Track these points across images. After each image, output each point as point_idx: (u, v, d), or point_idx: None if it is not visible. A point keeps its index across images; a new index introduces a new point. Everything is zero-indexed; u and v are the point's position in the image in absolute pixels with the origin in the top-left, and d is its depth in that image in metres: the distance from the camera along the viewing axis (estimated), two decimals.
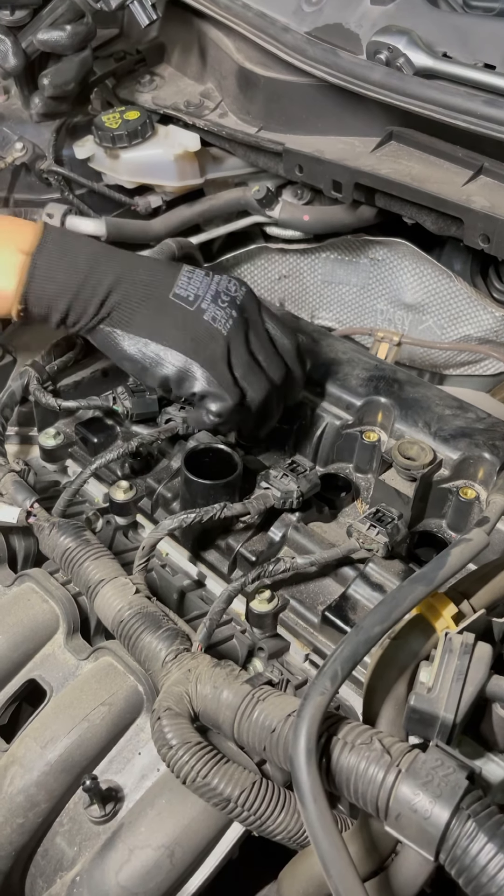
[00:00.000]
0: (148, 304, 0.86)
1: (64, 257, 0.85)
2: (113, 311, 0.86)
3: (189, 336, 0.86)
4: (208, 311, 0.85)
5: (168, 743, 0.67)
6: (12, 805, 0.73)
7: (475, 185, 1.03)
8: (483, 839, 0.56)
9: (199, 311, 0.85)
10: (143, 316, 0.86)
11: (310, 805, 0.57)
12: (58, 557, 0.86)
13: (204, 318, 0.85)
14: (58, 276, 0.84)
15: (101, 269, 0.85)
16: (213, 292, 0.86)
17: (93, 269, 0.85)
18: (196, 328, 0.85)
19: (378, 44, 1.03)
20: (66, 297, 0.85)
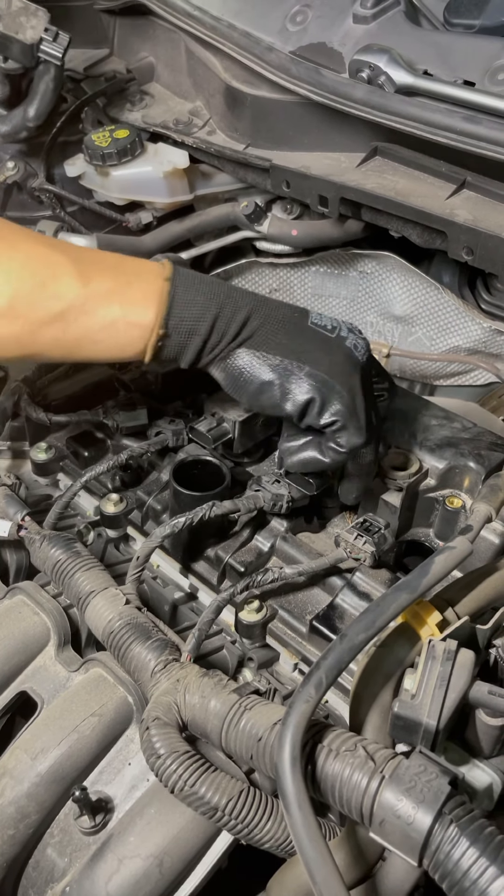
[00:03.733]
0: (288, 327, 0.82)
1: (200, 284, 0.81)
2: (255, 333, 0.81)
3: (334, 360, 0.82)
4: (349, 338, 0.83)
5: (156, 752, 0.68)
6: (3, 816, 0.74)
7: (458, 198, 1.04)
8: (465, 844, 0.57)
9: (341, 339, 0.82)
10: (287, 337, 0.82)
11: (294, 812, 0.58)
12: (49, 570, 0.86)
13: (346, 344, 0.83)
14: (198, 299, 0.80)
15: (238, 295, 0.82)
16: (347, 326, 0.84)
17: (229, 295, 0.81)
18: (340, 353, 0.82)
19: (360, 62, 1.05)
20: (208, 318, 0.80)
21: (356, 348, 0.83)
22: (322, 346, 0.82)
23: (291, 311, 0.84)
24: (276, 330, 0.82)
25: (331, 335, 0.82)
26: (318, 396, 0.80)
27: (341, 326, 0.84)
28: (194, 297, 0.80)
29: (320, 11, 1.15)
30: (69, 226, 1.33)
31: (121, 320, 0.79)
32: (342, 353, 0.82)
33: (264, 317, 0.82)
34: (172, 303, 0.79)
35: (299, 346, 0.81)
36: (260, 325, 0.81)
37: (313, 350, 0.81)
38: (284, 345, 0.81)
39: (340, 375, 0.81)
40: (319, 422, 0.82)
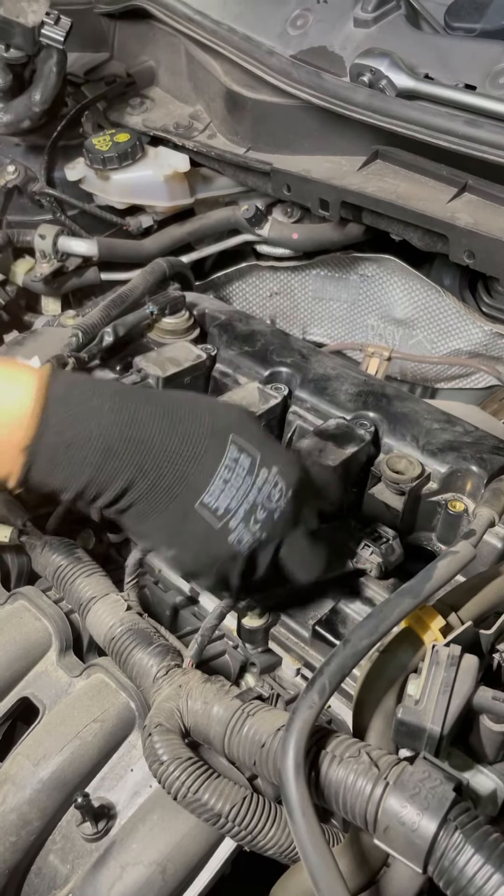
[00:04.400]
0: (168, 511, 0.70)
1: (63, 459, 0.67)
2: (127, 511, 0.70)
3: (208, 552, 0.72)
4: (235, 531, 0.71)
5: (159, 759, 0.68)
6: (5, 823, 0.73)
7: (459, 202, 1.05)
8: (470, 850, 0.56)
9: (225, 531, 0.70)
10: (163, 523, 0.71)
11: (298, 819, 0.58)
12: (50, 575, 0.86)
13: (228, 539, 0.71)
14: (59, 473, 0.67)
15: (110, 472, 0.68)
16: (248, 505, 0.70)
17: (99, 473, 0.68)
18: (216, 549, 0.72)
19: (361, 66, 1.05)
20: (71, 492, 0.69)
21: (240, 542, 0.71)
22: (200, 536, 0.71)
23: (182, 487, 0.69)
24: (146, 512, 0.70)
25: (215, 524, 0.70)
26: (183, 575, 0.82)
27: (236, 510, 0.70)
28: (54, 471, 0.67)
29: (321, 15, 1.16)
30: (69, 229, 1.33)
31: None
32: (221, 549, 0.71)
33: (138, 497, 0.69)
34: (26, 477, 0.68)
35: (171, 531, 0.71)
36: (131, 503, 0.69)
37: (188, 539, 0.71)
38: (154, 529, 0.72)
39: (210, 567, 0.73)
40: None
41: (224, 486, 0.70)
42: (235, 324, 1.10)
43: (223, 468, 0.70)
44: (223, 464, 0.70)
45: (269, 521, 0.72)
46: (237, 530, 0.71)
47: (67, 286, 1.34)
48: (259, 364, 1.04)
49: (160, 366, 1.01)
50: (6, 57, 1.24)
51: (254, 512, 0.71)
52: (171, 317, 1.10)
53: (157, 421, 0.70)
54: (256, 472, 0.71)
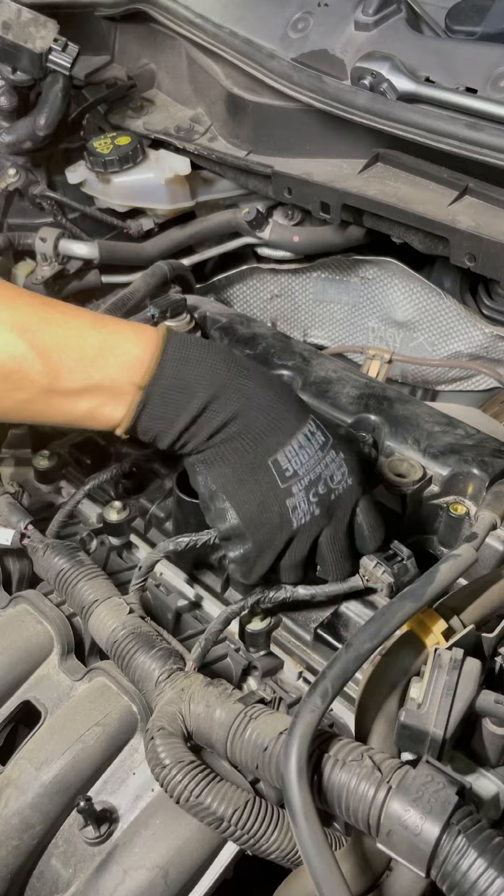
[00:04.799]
0: (244, 458, 0.76)
1: (180, 393, 0.75)
2: (211, 449, 0.76)
3: (261, 513, 0.76)
4: (295, 496, 0.76)
5: (161, 762, 0.68)
6: (7, 827, 0.73)
7: (460, 205, 1.05)
8: (473, 854, 0.56)
9: (286, 493, 0.75)
10: (232, 469, 0.76)
11: (301, 823, 0.58)
12: (52, 578, 0.86)
13: (286, 502, 0.76)
14: (168, 414, 0.75)
15: (215, 406, 0.75)
16: (313, 476, 0.76)
17: (208, 406, 0.75)
18: (272, 510, 0.76)
19: (362, 69, 1.05)
20: (171, 434, 0.76)
21: (294, 510, 0.76)
22: (261, 494, 0.76)
23: (263, 439, 0.76)
24: (229, 457, 0.76)
25: (280, 484, 0.75)
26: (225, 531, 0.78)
27: (303, 476, 0.76)
28: (164, 412, 0.75)
29: (322, 19, 1.16)
30: (70, 232, 1.33)
31: (85, 417, 0.77)
32: (276, 512, 0.76)
33: (231, 435, 0.76)
34: (139, 415, 0.75)
35: (240, 483, 0.76)
36: (221, 442, 0.76)
37: (249, 493, 0.76)
38: (226, 476, 0.76)
39: (257, 528, 0.76)
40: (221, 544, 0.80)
41: (298, 452, 0.76)
42: (236, 326, 1.10)
43: (301, 435, 0.76)
44: (302, 431, 0.76)
45: (325, 500, 0.77)
46: (297, 496, 0.76)
47: (68, 289, 1.34)
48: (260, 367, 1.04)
49: None
50: (13, 79, 1.24)
51: (316, 484, 0.76)
52: (173, 319, 1.10)
53: (257, 377, 0.77)
54: (327, 451, 0.77)
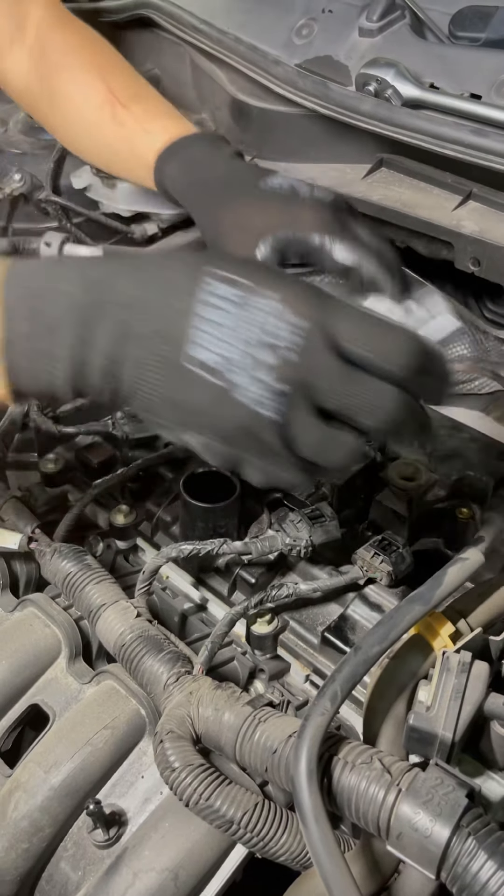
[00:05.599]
0: (165, 380, 0.57)
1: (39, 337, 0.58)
2: (133, 392, 0.59)
3: (228, 424, 0.57)
4: (240, 387, 0.55)
5: (170, 765, 0.68)
6: (17, 830, 0.74)
7: (465, 209, 1.05)
8: (483, 857, 0.57)
9: (230, 387, 0.55)
10: (165, 397, 0.58)
11: (311, 825, 0.58)
12: (59, 582, 0.87)
13: (237, 398, 0.55)
14: (40, 370, 0.58)
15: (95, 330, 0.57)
16: (251, 343, 0.54)
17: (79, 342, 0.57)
18: (234, 415, 0.56)
19: (366, 76, 1.06)
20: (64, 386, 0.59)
21: (256, 403, 0.55)
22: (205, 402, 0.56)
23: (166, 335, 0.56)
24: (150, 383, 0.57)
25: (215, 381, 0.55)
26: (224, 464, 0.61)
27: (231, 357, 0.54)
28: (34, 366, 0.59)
29: (326, 25, 1.16)
30: (75, 237, 1.33)
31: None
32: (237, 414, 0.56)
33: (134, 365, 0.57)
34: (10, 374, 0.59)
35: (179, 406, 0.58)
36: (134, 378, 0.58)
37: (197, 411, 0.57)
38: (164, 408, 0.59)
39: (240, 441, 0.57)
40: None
41: (209, 330, 0.54)
42: None
43: (199, 305, 0.55)
44: (197, 299, 0.55)
45: (283, 365, 0.54)
46: (242, 386, 0.54)
47: None
48: None
49: None
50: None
51: (260, 353, 0.54)
52: None
53: (125, 274, 0.59)
54: (249, 304, 0.54)
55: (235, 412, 0.56)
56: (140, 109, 1.03)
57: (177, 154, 0.96)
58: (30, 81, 1.13)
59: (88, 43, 1.13)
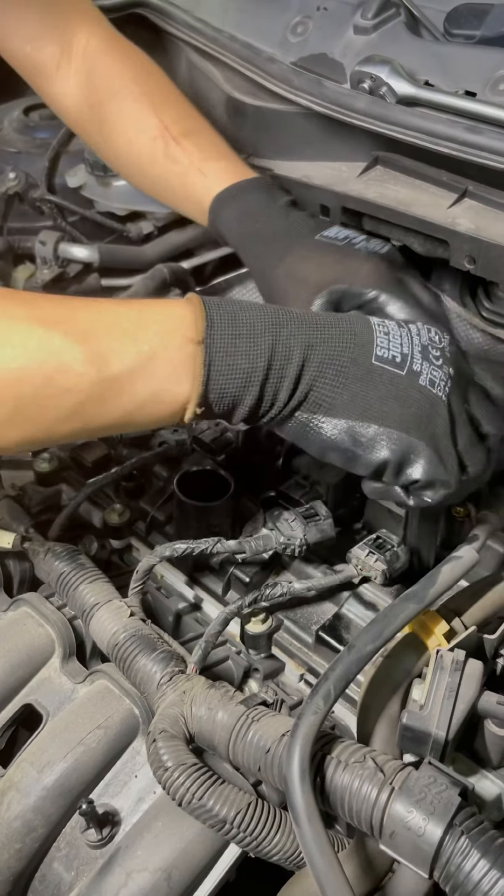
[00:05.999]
0: (349, 375, 0.67)
1: (241, 337, 0.66)
2: (310, 392, 0.67)
3: (409, 409, 0.68)
4: (423, 373, 0.68)
5: (163, 765, 0.68)
6: (9, 830, 0.73)
7: (460, 207, 1.05)
8: (476, 855, 0.56)
9: (413, 375, 0.68)
10: (348, 392, 0.67)
11: (304, 825, 0.58)
12: (53, 581, 0.86)
13: (420, 382, 0.68)
14: (239, 363, 0.65)
15: (287, 341, 0.66)
16: (419, 347, 0.69)
17: (277, 342, 0.66)
18: (414, 398, 0.68)
19: (361, 73, 1.05)
20: (254, 386, 0.66)
21: (433, 384, 0.68)
22: (391, 391, 0.67)
23: (352, 346, 0.68)
24: (335, 383, 0.68)
25: (401, 372, 0.68)
26: (392, 457, 0.68)
27: (412, 353, 0.69)
28: (235, 362, 0.66)
29: (321, 23, 1.16)
30: (70, 236, 1.33)
31: (148, 402, 0.66)
32: (420, 397, 0.68)
33: (318, 368, 0.67)
34: (209, 374, 0.65)
35: (366, 398, 0.68)
36: (315, 379, 0.67)
37: (383, 400, 0.67)
38: (347, 403, 0.68)
39: (419, 427, 0.68)
40: (398, 482, 0.70)
41: (387, 338, 0.69)
42: None
43: (378, 326, 0.70)
44: (376, 323, 0.70)
45: (446, 357, 0.70)
46: (425, 370, 0.68)
47: (68, 292, 1.34)
48: None
49: None
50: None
51: (429, 351, 0.70)
52: None
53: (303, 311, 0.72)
54: (407, 327, 0.71)
55: (418, 392, 0.68)
56: (193, 146, 1.01)
57: (233, 201, 0.95)
58: (80, 107, 1.10)
59: (139, 70, 1.10)
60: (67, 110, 1.13)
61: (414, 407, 0.68)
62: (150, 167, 1.05)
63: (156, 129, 1.02)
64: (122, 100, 1.06)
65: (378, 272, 0.83)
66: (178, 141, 1.01)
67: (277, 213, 0.94)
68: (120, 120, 1.06)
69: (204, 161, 1.00)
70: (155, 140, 1.02)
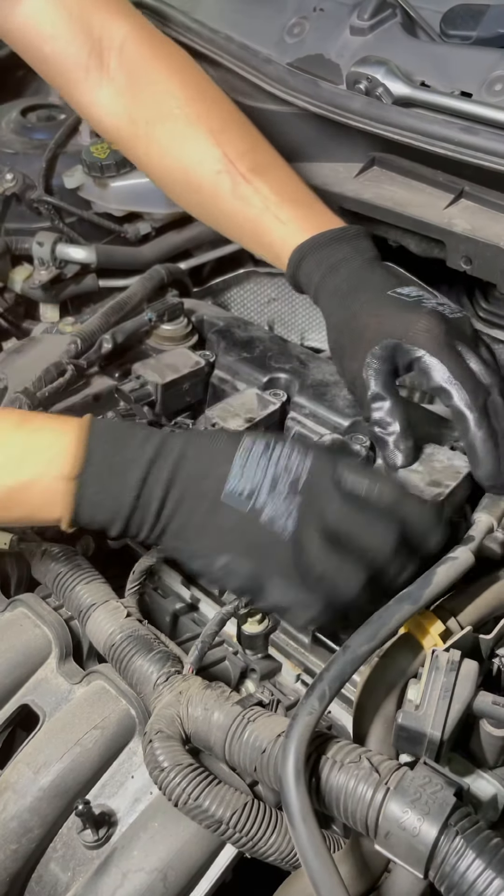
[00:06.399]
0: (200, 508, 0.72)
1: (113, 475, 0.72)
2: (168, 526, 0.73)
3: (249, 543, 0.71)
4: (266, 509, 0.70)
5: (159, 765, 0.68)
6: (6, 831, 0.73)
7: (456, 208, 1.05)
8: (471, 856, 0.56)
9: (255, 513, 0.70)
10: (199, 526, 0.72)
11: (299, 825, 0.58)
12: (50, 582, 0.86)
13: (261, 520, 0.70)
14: (106, 503, 0.72)
15: (153, 479, 0.72)
16: (270, 478, 0.70)
17: (144, 482, 0.72)
18: (255, 533, 0.71)
19: (357, 74, 1.06)
20: (120, 520, 0.73)
21: (273, 521, 0.70)
22: (236, 526, 0.71)
23: (207, 479, 0.72)
24: (188, 517, 0.72)
25: (244, 509, 0.70)
26: (244, 584, 0.73)
27: (260, 486, 0.70)
28: (102, 500, 0.72)
29: (317, 24, 1.16)
30: (67, 237, 1.33)
31: (24, 519, 0.78)
32: (260, 533, 0.70)
33: (176, 503, 0.72)
34: (77, 509, 0.72)
35: (214, 532, 0.72)
36: (173, 512, 0.72)
37: (228, 534, 0.71)
38: (199, 535, 0.73)
39: (261, 559, 0.71)
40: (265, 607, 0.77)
41: (242, 472, 0.71)
42: (234, 330, 1.11)
43: (238, 457, 0.72)
44: (238, 454, 0.72)
45: (295, 487, 0.70)
46: (267, 507, 0.70)
47: (66, 293, 1.34)
48: (257, 370, 1.04)
49: (159, 372, 1.01)
50: None
51: (277, 482, 0.70)
52: (170, 323, 1.10)
53: (182, 437, 0.75)
54: (271, 450, 0.72)
55: (258, 530, 0.70)
56: (266, 187, 0.94)
57: (313, 255, 0.91)
58: (118, 121, 0.99)
59: (191, 86, 0.98)
60: (101, 122, 1.02)
61: (256, 541, 0.71)
62: (213, 202, 0.98)
63: (219, 163, 0.95)
64: (175, 122, 0.96)
65: (431, 332, 0.80)
66: (248, 179, 0.94)
67: (359, 267, 0.90)
68: (174, 144, 0.97)
69: (280, 206, 0.93)
70: (219, 174, 0.95)
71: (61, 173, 1.34)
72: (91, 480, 0.72)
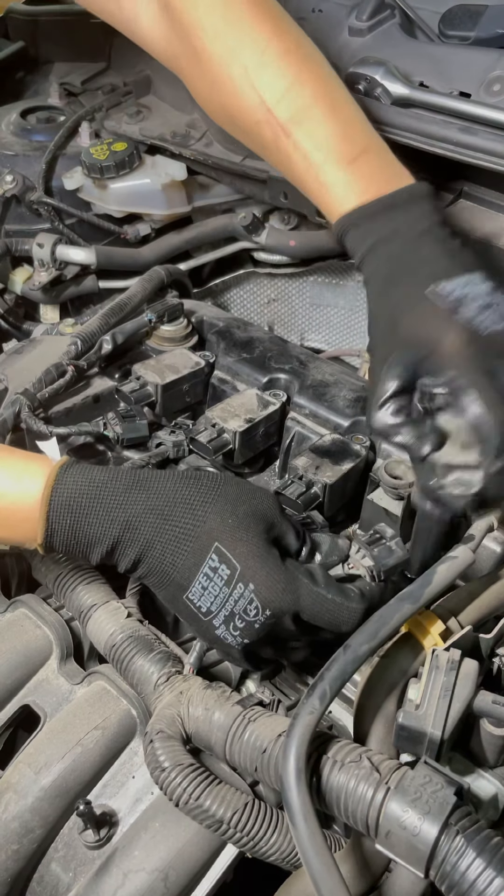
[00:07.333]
0: (169, 591, 0.76)
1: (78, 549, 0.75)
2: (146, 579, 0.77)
3: (204, 636, 0.77)
4: (220, 630, 0.74)
5: (160, 765, 0.68)
6: (7, 831, 0.73)
7: (455, 208, 1.05)
8: (472, 855, 0.56)
9: (211, 626, 0.74)
10: (169, 600, 0.78)
11: (300, 825, 0.58)
12: (50, 583, 0.87)
13: (216, 633, 0.74)
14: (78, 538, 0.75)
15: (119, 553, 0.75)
16: (227, 612, 0.73)
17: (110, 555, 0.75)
18: (211, 636, 0.75)
19: (356, 74, 1.06)
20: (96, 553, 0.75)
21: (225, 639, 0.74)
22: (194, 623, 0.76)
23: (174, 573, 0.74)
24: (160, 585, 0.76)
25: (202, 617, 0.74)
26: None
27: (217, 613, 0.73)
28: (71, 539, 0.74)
29: (316, 24, 1.16)
30: (67, 238, 1.33)
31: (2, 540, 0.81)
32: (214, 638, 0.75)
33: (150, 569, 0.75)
34: (51, 541, 0.74)
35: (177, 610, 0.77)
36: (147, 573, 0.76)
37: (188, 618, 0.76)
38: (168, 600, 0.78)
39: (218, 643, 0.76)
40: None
41: (203, 592, 0.74)
42: (234, 331, 1.11)
43: (202, 575, 0.73)
44: (202, 571, 0.73)
45: (249, 630, 0.73)
46: (221, 630, 0.74)
47: (66, 294, 1.34)
48: (257, 370, 1.04)
49: (159, 373, 1.01)
50: None
51: (232, 619, 0.73)
52: (170, 324, 1.10)
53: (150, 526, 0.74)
54: (233, 585, 0.73)
55: (214, 635, 0.75)
56: (306, 141, 0.85)
57: (358, 228, 0.83)
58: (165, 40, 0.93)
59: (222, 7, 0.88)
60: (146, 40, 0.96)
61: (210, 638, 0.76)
62: (263, 152, 0.92)
63: (258, 111, 0.86)
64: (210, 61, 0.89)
65: (462, 352, 0.72)
66: (287, 132, 0.85)
67: (405, 246, 0.80)
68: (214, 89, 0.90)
69: (322, 166, 0.84)
70: (259, 125, 0.87)
71: (61, 175, 1.34)
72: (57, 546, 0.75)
